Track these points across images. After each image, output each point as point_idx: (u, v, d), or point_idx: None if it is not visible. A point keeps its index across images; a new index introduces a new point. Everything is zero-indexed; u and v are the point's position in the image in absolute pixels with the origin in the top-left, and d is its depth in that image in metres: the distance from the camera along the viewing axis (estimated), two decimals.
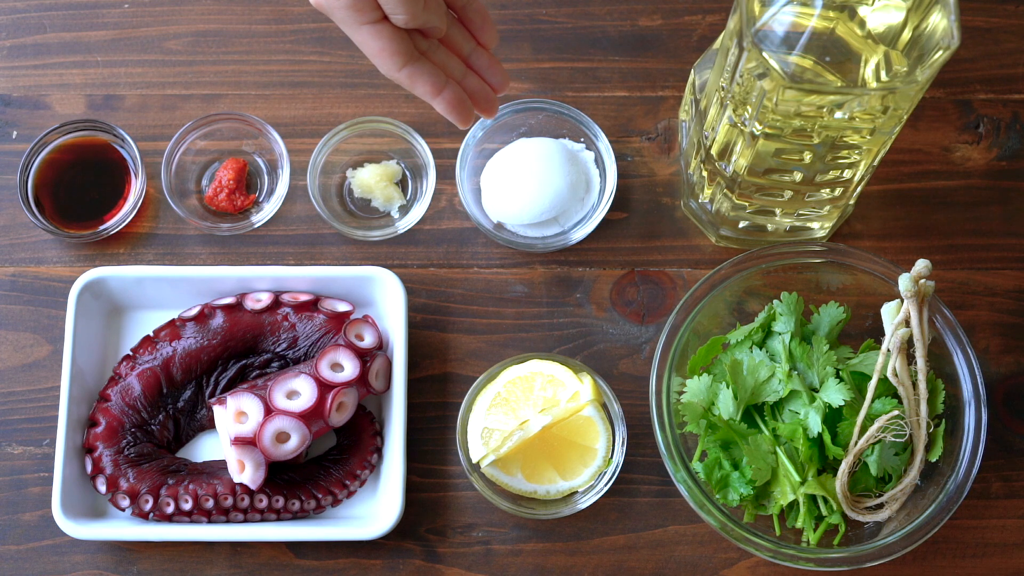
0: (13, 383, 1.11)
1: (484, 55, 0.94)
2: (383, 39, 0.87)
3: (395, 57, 0.88)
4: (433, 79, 0.90)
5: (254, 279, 1.09)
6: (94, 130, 1.14)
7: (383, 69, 0.89)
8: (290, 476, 1.06)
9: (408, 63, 0.89)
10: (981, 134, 1.16)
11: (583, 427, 1.05)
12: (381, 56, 0.88)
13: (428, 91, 0.90)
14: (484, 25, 0.94)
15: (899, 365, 1.00)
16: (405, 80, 0.89)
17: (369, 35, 0.87)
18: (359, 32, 0.87)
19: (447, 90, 0.90)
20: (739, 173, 1.00)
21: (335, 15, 0.87)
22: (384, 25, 0.87)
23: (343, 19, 0.87)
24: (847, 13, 0.87)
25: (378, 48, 0.88)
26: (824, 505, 1.02)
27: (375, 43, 0.87)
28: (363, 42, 0.88)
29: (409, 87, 0.90)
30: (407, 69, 0.89)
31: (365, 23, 0.87)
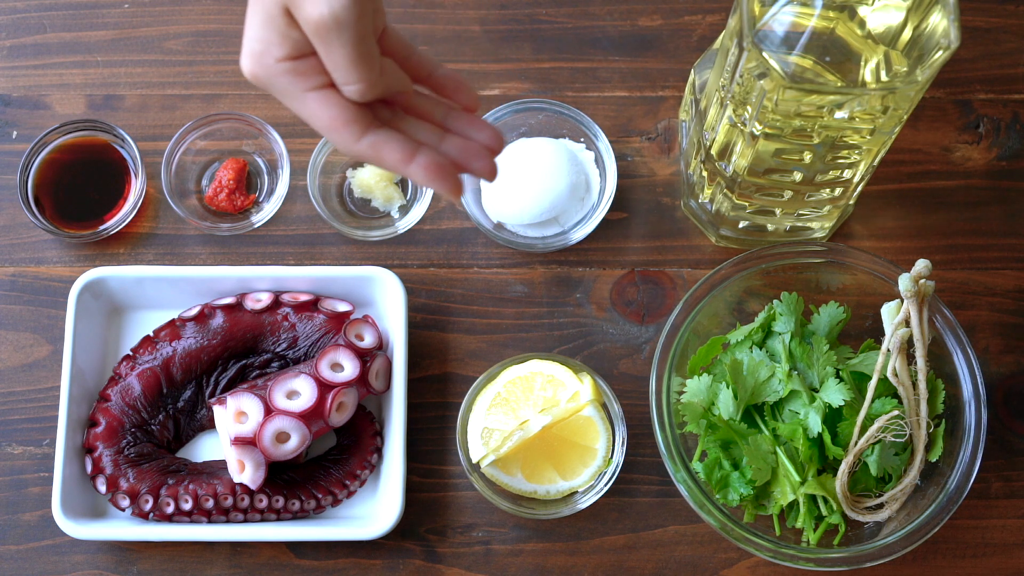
0: (13, 383, 1.11)
1: (462, 116, 0.80)
2: (334, 107, 0.75)
3: (352, 126, 0.75)
4: (402, 145, 0.76)
5: (254, 279, 1.09)
6: (94, 130, 1.14)
7: (338, 143, 0.76)
8: (290, 476, 1.06)
9: (368, 130, 0.76)
10: (981, 134, 1.16)
11: (583, 427, 1.05)
12: (334, 127, 0.75)
13: (398, 158, 0.76)
14: (459, 87, 0.81)
15: (899, 365, 1.00)
16: (368, 151, 0.76)
17: (317, 104, 0.75)
18: (304, 102, 0.75)
19: (421, 155, 0.76)
20: (739, 173, 1.00)
21: (275, 84, 0.75)
22: (333, 91, 0.75)
23: (284, 89, 0.75)
24: (847, 13, 0.87)
25: (329, 118, 0.75)
26: (824, 505, 1.02)
27: (325, 112, 0.75)
28: (311, 114, 0.75)
29: (375, 159, 0.76)
30: (368, 138, 0.76)
31: (310, 89, 0.75)
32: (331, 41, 0.72)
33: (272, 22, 0.73)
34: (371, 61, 0.74)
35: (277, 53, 0.74)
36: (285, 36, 0.74)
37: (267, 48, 0.74)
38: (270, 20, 0.73)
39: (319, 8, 0.71)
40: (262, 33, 0.74)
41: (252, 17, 0.75)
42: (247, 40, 0.75)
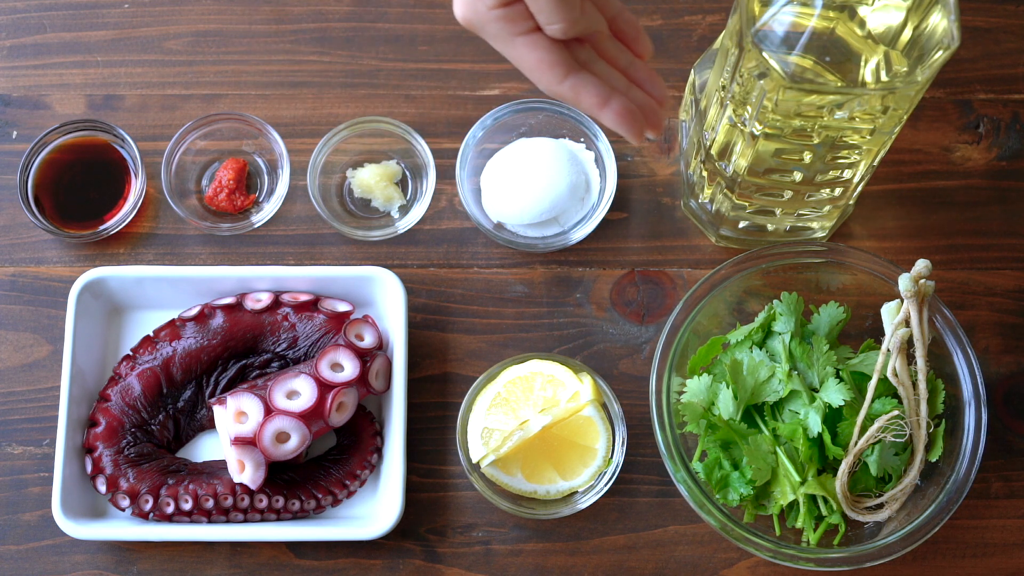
0: (13, 383, 1.11)
1: (642, 67, 0.88)
2: (540, 50, 0.81)
3: (555, 68, 0.82)
4: (598, 90, 0.83)
5: (254, 279, 1.09)
6: (94, 130, 1.14)
7: (543, 83, 0.83)
8: (290, 476, 1.06)
9: (570, 74, 0.82)
10: (981, 134, 1.16)
11: (583, 427, 1.05)
12: (540, 69, 0.82)
13: (594, 102, 0.83)
14: (638, 35, 0.87)
15: (899, 365, 1.00)
16: (568, 92, 0.83)
17: (525, 47, 0.81)
18: (513, 46, 0.81)
19: (614, 100, 0.84)
20: (739, 173, 1.00)
21: (486, 30, 0.81)
22: (540, 35, 0.81)
23: (495, 33, 0.81)
24: (847, 13, 0.87)
25: (536, 60, 0.81)
26: (824, 505, 1.02)
27: (532, 55, 0.81)
28: (519, 56, 0.82)
29: (573, 100, 0.83)
30: (569, 80, 0.82)
31: (519, 34, 0.81)
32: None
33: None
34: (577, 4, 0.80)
35: (488, 1, 0.80)
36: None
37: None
38: None
39: None
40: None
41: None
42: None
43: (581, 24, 0.81)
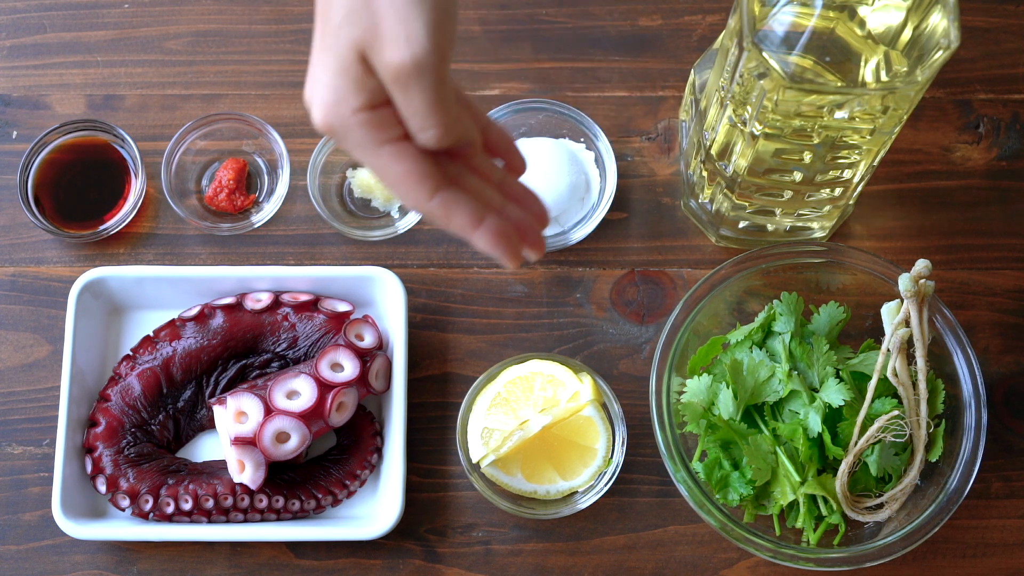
0: (13, 383, 1.11)
1: (517, 183, 0.79)
2: (408, 160, 0.72)
3: (424, 182, 0.72)
4: (471, 208, 0.74)
5: (254, 279, 1.09)
6: (94, 130, 1.14)
7: (409, 199, 0.74)
8: (290, 476, 1.06)
9: (440, 189, 0.73)
10: (981, 134, 1.16)
11: (583, 427, 1.05)
12: (407, 182, 0.73)
13: (467, 222, 0.74)
14: (511, 149, 0.79)
15: (899, 365, 1.00)
16: (438, 210, 0.73)
17: (391, 157, 0.72)
18: (378, 155, 0.72)
19: (489, 220, 0.74)
20: (739, 173, 1.00)
21: (349, 136, 0.72)
22: (408, 144, 0.72)
23: (359, 140, 0.72)
24: (847, 13, 0.87)
25: (403, 172, 0.72)
26: (824, 505, 1.02)
27: (399, 166, 0.72)
28: (383, 167, 0.73)
29: (443, 219, 0.74)
30: (439, 196, 0.73)
31: (385, 142, 0.72)
32: (410, 87, 0.70)
33: (347, 70, 0.70)
34: (448, 105, 0.71)
35: (353, 103, 0.71)
36: (361, 85, 0.71)
37: (342, 97, 0.71)
38: (344, 68, 0.70)
39: (399, 53, 0.69)
40: (336, 81, 0.71)
41: (322, 64, 0.71)
42: (319, 88, 0.72)
43: (456, 131, 0.72)
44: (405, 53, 0.69)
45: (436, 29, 0.69)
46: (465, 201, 0.74)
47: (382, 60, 0.70)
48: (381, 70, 0.70)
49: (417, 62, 0.69)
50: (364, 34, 0.69)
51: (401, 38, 0.69)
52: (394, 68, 0.69)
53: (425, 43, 0.69)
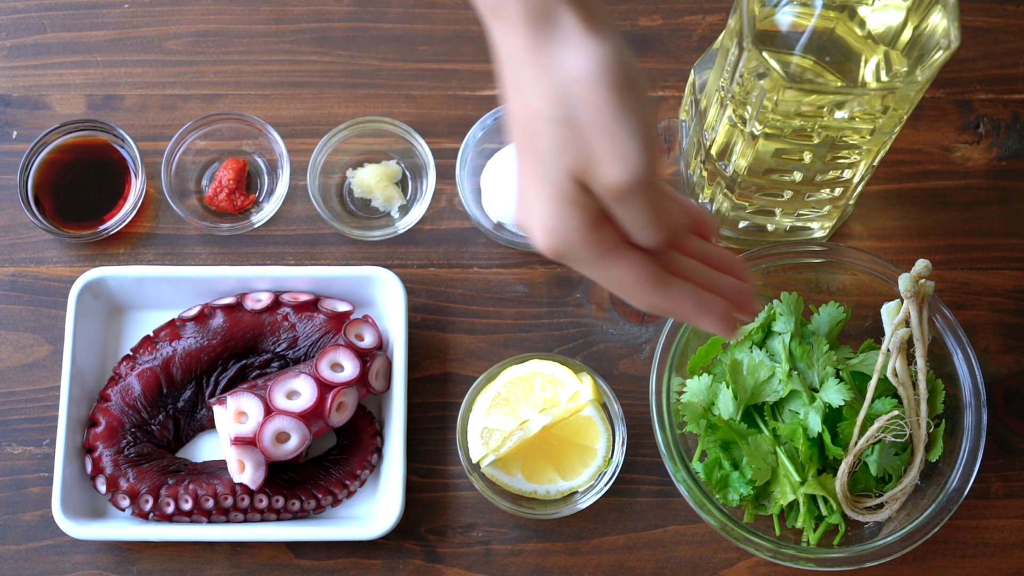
0: (13, 383, 1.11)
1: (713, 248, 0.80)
2: (635, 267, 0.73)
3: (651, 282, 0.74)
4: (695, 296, 0.75)
5: (254, 279, 1.09)
6: (94, 130, 1.14)
7: (639, 300, 0.75)
8: (290, 476, 1.06)
9: (665, 285, 0.74)
10: (981, 134, 1.16)
11: (583, 427, 1.05)
12: (634, 286, 0.74)
13: (691, 308, 0.76)
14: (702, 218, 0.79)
15: (899, 365, 1.00)
16: (664, 304, 0.75)
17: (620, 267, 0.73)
18: (605, 267, 0.73)
19: (712, 303, 0.76)
20: (739, 173, 1.00)
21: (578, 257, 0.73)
22: (632, 251, 0.73)
23: (587, 258, 0.73)
24: (847, 13, 0.87)
25: (631, 278, 0.74)
26: (824, 505, 1.02)
27: (626, 274, 0.73)
28: (612, 277, 0.74)
29: (669, 311, 0.76)
30: (666, 291, 0.75)
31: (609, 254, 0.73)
32: (630, 201, 0.71)
33: (566, 196, 0.71)
34: (665, 205, 0.72)
35: (576, 225, 0.72)
36: (582, 207, 0.72)
37: (565, 222, 0.72)
38: (563, 195, 0.71)
39: (617, 173, 0.70)
40: (556, 208, 0.72)
41: (538, 193, 0.72)
42: (539, 216, 0.73)
43: (673, 227, 0.73)
44: (622, 172, 0.70)
45: (647, 141, 0.70)
46: (688, 290, 0.75)
47: (599, 181, 0.70)
48: (600, 190, 0.71)
49: (635, 177, 0.70)
50: (578, 160, 0.70)
51: (616, 158, 0.70)
52: (613, 187, 0.70)
53: (640, 158, 0.70)
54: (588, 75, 0.69)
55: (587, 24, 0.70)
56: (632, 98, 0.70)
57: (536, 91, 0.71)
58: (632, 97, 0.70)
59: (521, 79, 0.71)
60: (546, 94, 0.70)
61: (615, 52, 0.70)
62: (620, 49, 0.70)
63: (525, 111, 0.72)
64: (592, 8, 0.71)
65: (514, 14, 0.71)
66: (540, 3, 0.70)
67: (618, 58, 0.70)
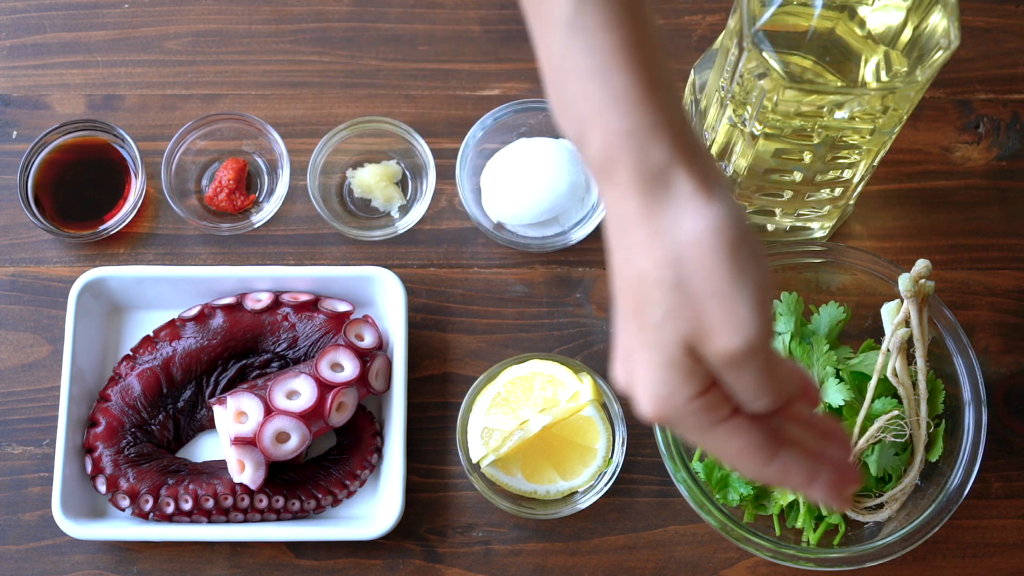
0: (13, 383, 1.11)
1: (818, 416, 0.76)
2: (744, 433, 0.71)
3: (761, 451, 0.71)
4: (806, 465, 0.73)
5: (254, 279, 1.09)
6: (94, 130, 1.14)
7: (748, 470, 0.73)
8: (290, 476, 1.06)
9: (776, 454, 0.72)
10: (981, 134, 1.16)
11: (583, 427, 1.05)
12: (745, 456, 0.71)
13: (803, 480, 0.73)
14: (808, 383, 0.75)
15: (899, 365, 1.00)
16: (775, 475, 0.72)
17: (728, 434, 0.71)
18: (714, 435, 0.71)
19: (823, 473, 0.73)
20: (739, 173, 1.00)
21: (683, 424, 0.71)
22: (739, 419, 0.71)
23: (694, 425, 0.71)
24: (847, 13, 0.87)
25: (740, 447, 0.71)
26: (824, 505, 1.02)
27: (735, 443, 0.71)
28: (721, 446, 0.72)
29: (780, 481, 0.73)
30: (777, 461, 0.72)
31: (719, 422, 0.71)
32: (743, 368, 0.69)
33: (676, 364, 0.69)
34: (778, 371, 0.70)
35: (686, 393, 0.70)
36: (692, 374, 0.70)
37: (674, 390, 0.70)
38: (673, 363, 0.69)
39: (731, 342, 0.68)
40: (665, 376, 0.70)
41: (647, 361, 0.71)
42: (648, 383, 0.71)
43: (785, 394, 0.71)
44: (737, 341, 0.68)
45: (761, 307, 0.68)
46: (799, 459, 0.73)
47: (712, 349, 0.69)
48: (712, 358, 0.69)
49: (749, 345, 0.68)
50: (691, 329, 0.69)
51: (731, 326, 0.68)
52: (727, 356, 0.68)
53: (755, 326, 0.68)
54: (702, 239, 0.67)
55: (701, 187, 0.68)
56: (747, 261, 0.68)
57: (648, 255, 0.69)
58: (747, 260, 0.68)
59: (632, 242, 0.69)
60: (658, 258, 0.68)
61: (729, 215, 0.68)
62: (735, 211, 0.68)
63: (634, 275, 0.70)
64: (706, 170, 0.69)
65: (627, 177, 0.69)
66: (655, 166, 0.68)
67: (732, 221, 0.68)
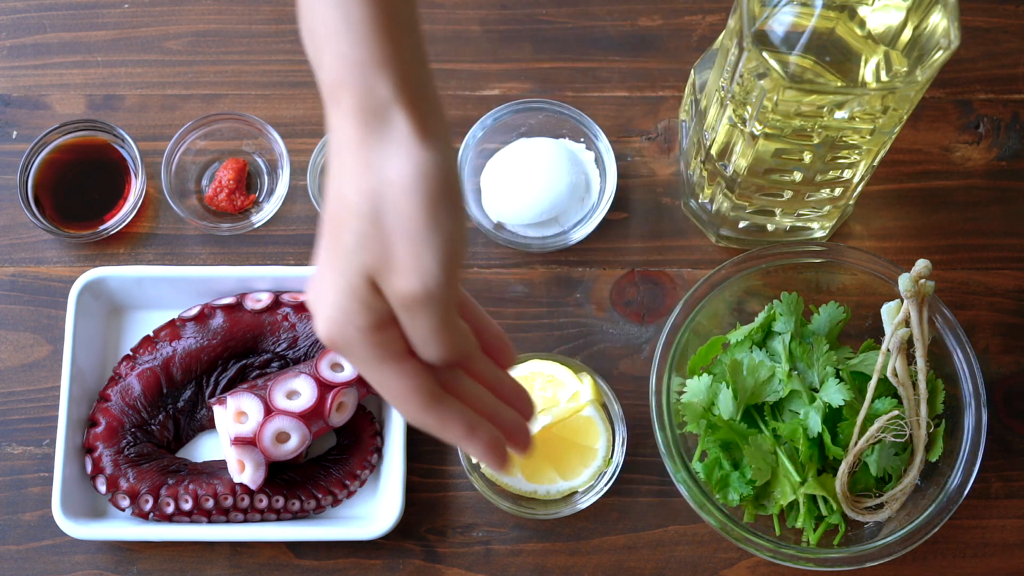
0: (13, 383, 1.11)
1: (509, 380, 0.80)
2: (408, 377, 0.73)
3: (421, 396, 0.73)
4: (465, 419, 0.75)
5: (254, 279, 1.09)
6: (94, 130, 1.14)
7: (406, 412, 0.75)
8: (290, 476, 1.06)
9: (436, 402, 0.74)
10: (981, 134, 1.16)
11: (583, 427, 1.05)
12: (404, 397, 0.74)
13: (461, 433, 0.75)
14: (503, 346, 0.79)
15: (899, 365, 1.00)
16: (433, 422, 0.75)
17: (392, 374, 0.73)
18: (380, 371, 0.73)
19: (480, 431, 0.76)
20: (739, 173, 1.00)
21: (354, 352, 0.72)
22: (408, 361, 0.73)
23: (363, 357, 0.72)
24: (847, 13, 0.87)
25: (402, 388, 0.73)
26: (824, 505, 1.02)
27: (399, 383, 0.73)
28: (383, 382, 0.73)
29: (437, 430, 0.75)
30: (435, 409, 0.74)
31: (387, 359, 0.72)
32: (418, 313, 0.71)
33: (354, 292, 0.71)
34: (453, 326, 0.73)
35: (358, 322, 0.71)
36: (368, 306, 0.71)
37: (348, 317, 0.71)
38: (352, 290, 0.71)
39: (410, 283, 0.70)
40: (343, 301, 0.71)
41: (330, 283, 0.72)
42: (325, 306, 0.72)
43: (458, 349, 0.73)
44: (415, 283, 0.69)
45: (447, 259, 0.70)
46: (459, 412, 0.75)
47: (392, 287, 0.70)
48: (390, 295, 0.71)
49: (427, 292, 0.70)
50: (375, 261, 0.70)
51: (412, 268, 0.69)
52: (403, 296, 0.70)
53: (436, 274, 0.70)
54: (405, 181, 0.69)
55: (418, 130, 0.69)
56: (444, 213, 0.70)
57: (354, 184, 0.70)
58: (444, 212, 0.70)
59: (344, 168, 0.71)
60: (363, 189, 0.69)
61: (437, 163, 0.69)
62: (445, 161, 0.70)
63: (339, 200, 0.71)
64: (426, 114, 0.70)
65: (350, 105, 0.70)
66: (374, 100, 0.70)
67: (439, 170, 0.69)
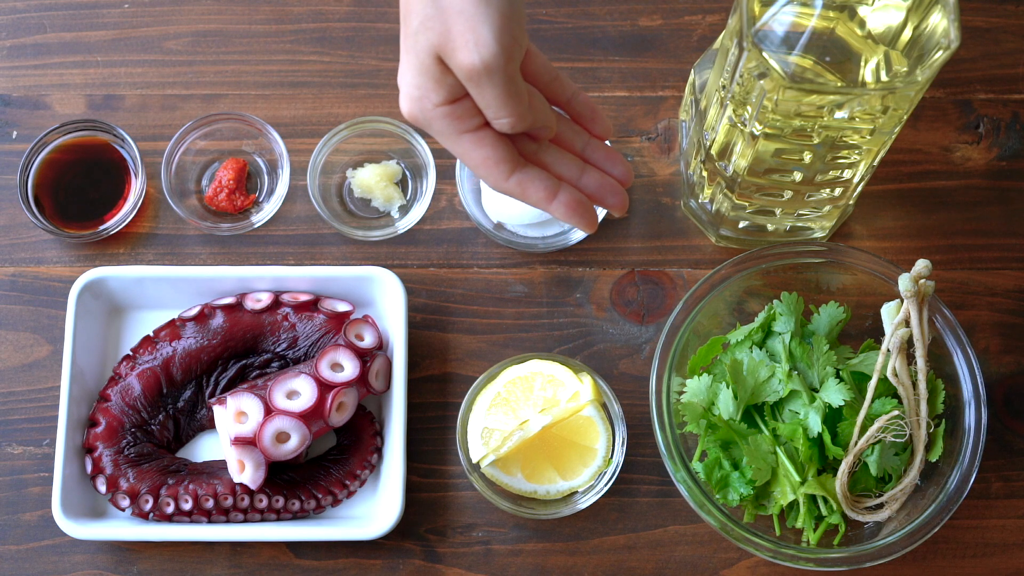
0: (13, 383, 1.11)
1: (600, 147, 0.88)
2: (487, 147, 0.81)
3: (501, 165, 0.82)
4: (545, 184, 0.83)
5: (254, 279, 1.09)
6: (94, 130, 1.14)
7: (489, 180, 0.83)
8: (290, 476, 1.06)
9: (516, 170, 0.82)
10: (981, 134, 1.16)
11: (583, 427, 1.05)
12: (486, 166, 0.82)
13: (542, 197, 0.83)
14: (595, 116, 0.88)
15: (899, 365, 1.00)
16: (515, 189, 0.83)
17: (471, 144, 0.81)
18: (460, 142, 0.81)
19: (562, 193, 0.84)
20: (739, 173, 1.00)
21: (433, 127, 0.81)
22: (486, 132, 0.81)
23: (442, 130, 0.81)
24: (847, 13, 0.87)
25: (483, 157, 0.82)
26: (824, 505, 1.02)
27: (479, 152, 0.81)
28: (464, 152, 0.82)
29: (520, 196, 0.84)
30: (515, 176, 0.83)
31: (466, 131, 0.81)
32: (483, 84, 0.78)
33: (427, 70, 0.79)
34: (519, 98, 0.79)
35: (434, 98, 0.80)
36: (440, 82, 0.79)
37: (425, 94, 0.80)
38: (424, 68, 0.79)
39: (470, 56, 0.77)
40: (419, 79, 0.79)
41: (407, 64, 0.80)
42: (404, 85, 0.80)
43: (528, 119, 0.80)
44: (475, 57, 0.77)
45: (502, 32, 0.77)
46: (539, 178, 0.83)
47: (455, 62, 0.77)
48: (456, 70, 0.78)
49: (486, 64, 0.77)
50: (439, 39, 0.77)
51: (471, 43, 0.76)
52: (466, 69, 0.77)
53: (493, 47, 0.76)
54: None
55: None
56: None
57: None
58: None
59: None
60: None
61: None
62: None
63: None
64: None
65: None
66: None
67: None
